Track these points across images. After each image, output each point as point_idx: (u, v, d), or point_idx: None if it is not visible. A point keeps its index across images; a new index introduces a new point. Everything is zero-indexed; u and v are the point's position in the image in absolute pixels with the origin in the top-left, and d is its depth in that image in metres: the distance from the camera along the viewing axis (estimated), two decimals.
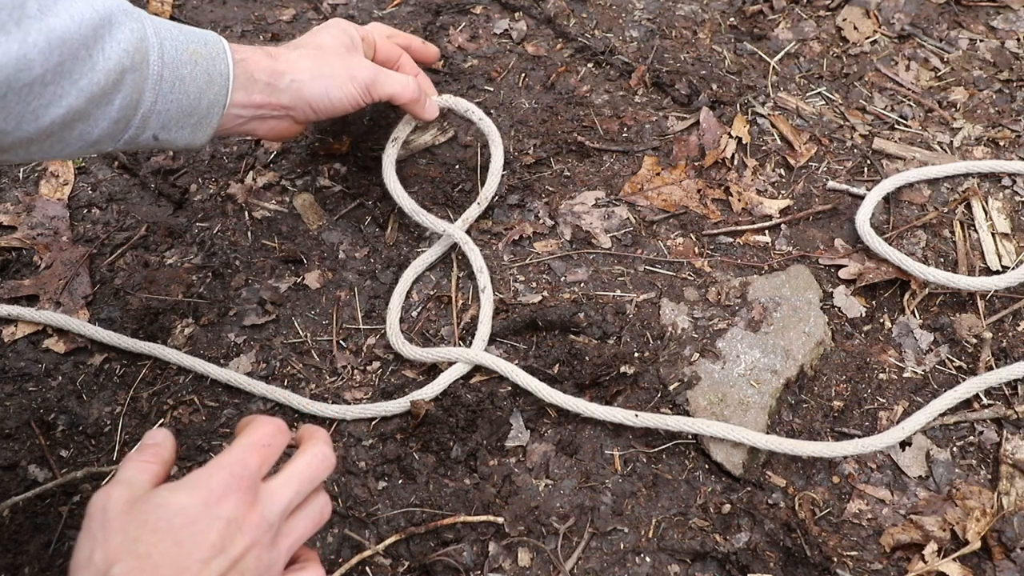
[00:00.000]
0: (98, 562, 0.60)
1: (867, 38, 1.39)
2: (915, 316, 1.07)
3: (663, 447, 0.96)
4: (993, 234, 1.15)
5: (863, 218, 1.12)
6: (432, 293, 1.08)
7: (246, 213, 1.16)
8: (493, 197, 1.13)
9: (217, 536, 0.62)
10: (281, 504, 0.66)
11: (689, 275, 1.10)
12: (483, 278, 1.04)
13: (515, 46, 1.36)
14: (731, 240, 1.14)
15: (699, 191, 1.18)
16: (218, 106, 0.88)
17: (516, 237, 1.13)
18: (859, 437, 0.97)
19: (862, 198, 1.16)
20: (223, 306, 1.07)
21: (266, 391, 0.98)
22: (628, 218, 1.15)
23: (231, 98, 0.89)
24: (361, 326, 1.05)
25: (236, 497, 0.64)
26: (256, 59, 0.92)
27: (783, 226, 1.15)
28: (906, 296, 1.08)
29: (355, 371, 1.02)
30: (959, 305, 1.08)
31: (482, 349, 1.00)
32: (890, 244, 1.11)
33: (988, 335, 1.05)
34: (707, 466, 0.95)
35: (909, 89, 1.32)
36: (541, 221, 1.15)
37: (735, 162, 1.22)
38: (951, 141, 1.26)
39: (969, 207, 1.18)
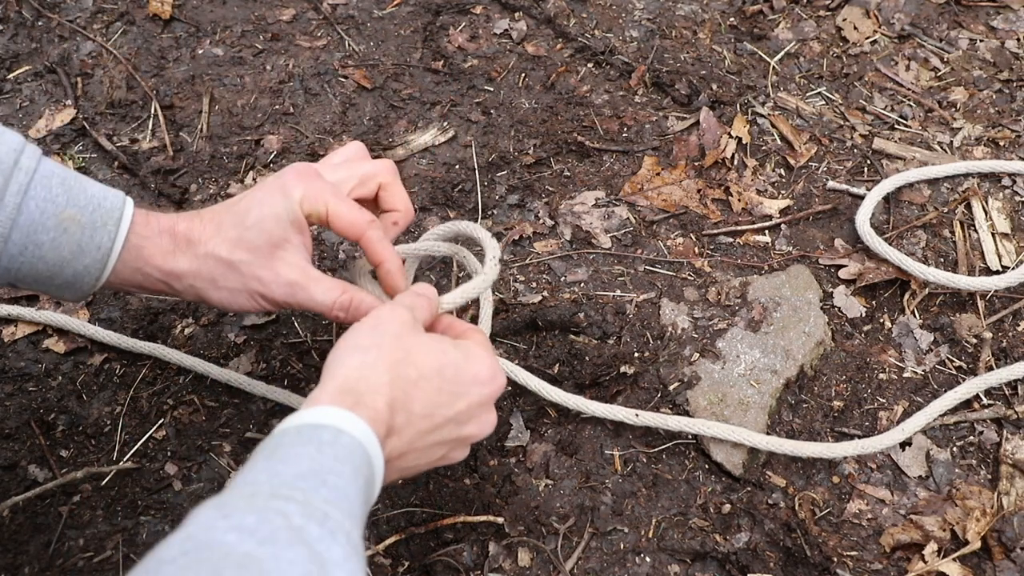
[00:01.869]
0: (370, 358, 0.67)
1: (867, 38, 1.39)
2: (915, 316, 1.07)
3: (663, 447, 0.96)
4: (993, 234, 1.15)
5: (863, 218, 1.12)
6: None
7: None
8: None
9: (465, 407, 0.71)
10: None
11: (689, 275, 1.09)
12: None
13: (515, 46, 1.36)
14: (731, 240, 1.14)
15: (699, 191, 1.18)
16: (89, 278, 0.75)
17: (516, 237, 1.13)
18: (859, 437, 0.97)
19: (862, 198, 1.16)
20: None
21: (266, 391, 0.98)
22: (628, 218, 1.15)
23: (111, 275, 0.76)
24: None
25: (490, 389, 0.73)
26: (153, 251, 0.76)
27: (783, 226, 1.15)
28: (906, 296, 1.08)
29: None
30: (959, 305, 1.08)
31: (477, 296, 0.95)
32: (890, 244, 1.11)
33: (988, 335, 1.05)
34: (707, 466, 0.95)
35: (909, 89, 1.32)
36: (541, 221, 1.15)
37: (735, 162, 1.22)
38: (951, 141, 1.26)
39: (969, 207, 1.18)
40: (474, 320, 1.04)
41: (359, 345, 0.69)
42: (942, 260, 1.12)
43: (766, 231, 1.15)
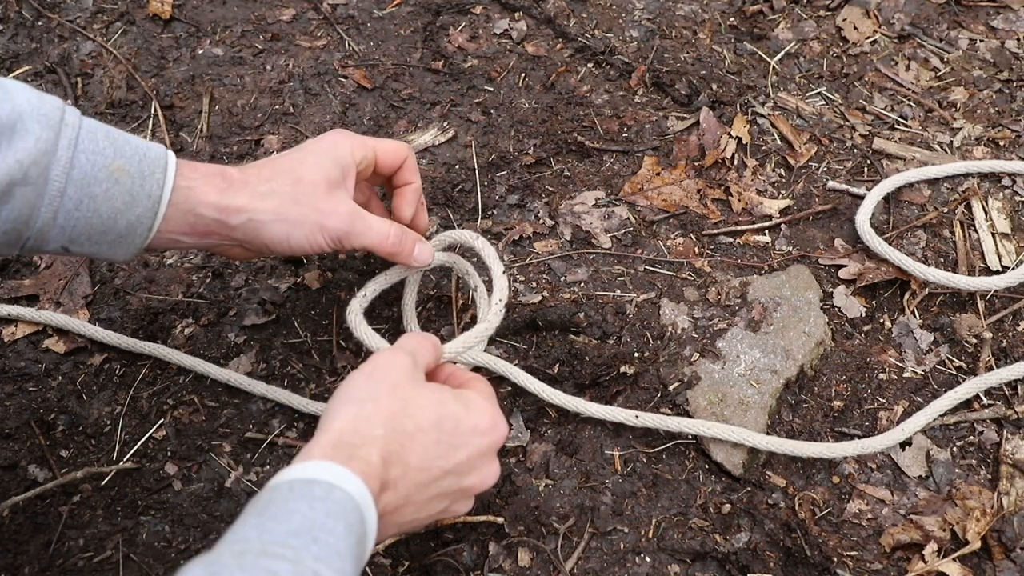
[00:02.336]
0: (366, 411, 0.68)
1: (867, 38, 1.39)
2: (915, 316, 1.07)
3: (663, 447, 0.96)
4: (993, 234, 1.15)
5: (863, 218, 1.12)
6: (432, 293, 1.08)
7: None
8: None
9: (464, 458, 0.71)
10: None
11: (689, 275, 1.10)
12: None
13: (515, 46, 1.36)
14: (731, 240, 1.14)
15: (699, 191, 1.18)
16: (142, 228, 0.77)
17: (516, 237, 1.13)
18: (859, 437, 0.97)
19: (862, 198, 1.16)
20: (223, 306, 1.07)
21: (266, 391, 0.98)
22: (628, 218, 1.15)
23: (162, 224, 0.78)
24: None
25: (490, 439, 0.72)
26: (206, 189, 0.79)
27: (783, 226, 1.15)
28: (906, 296, 1.08)
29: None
30: (959, 305, 1.08)
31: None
32: (890, 244, 1.11)
33: (988, 335, 1.05)
34: (707, 466, 0.95)
35: (909, 89, 1.32)
36: (541, 221, 1.15)
37: (735, 162, 1.22)
38: (951, 141, 1.26)
39: (969, 207, 1.18)
40: (474, 320, 1.04)
41: (354, 396, 0.70)
42: (942, 260, 1.12)
43: (766, 231, 1.15)
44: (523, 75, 1.32)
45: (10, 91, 0.70)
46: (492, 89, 1.30)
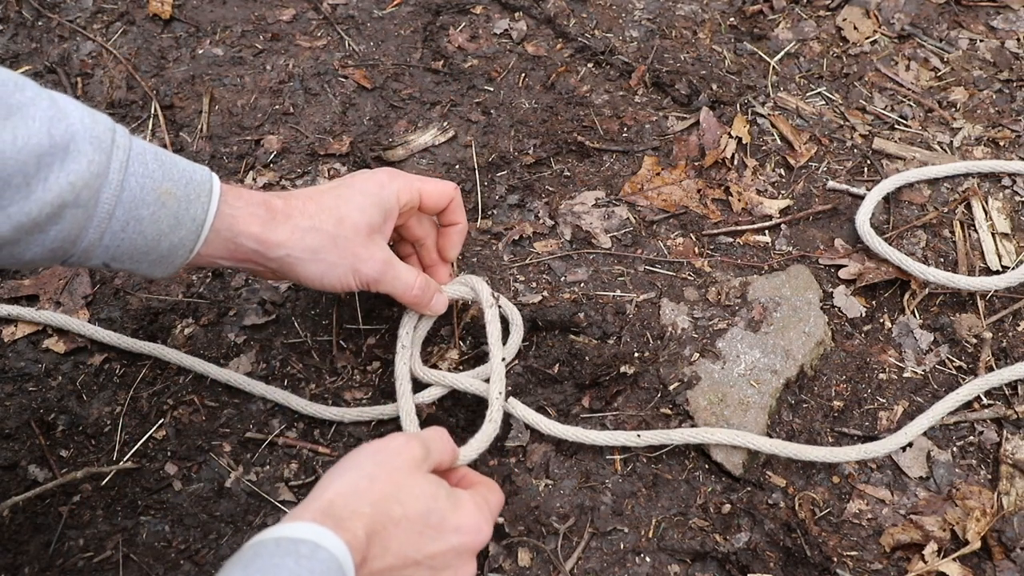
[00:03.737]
0: (361, 487, 0.69)
1: (867, 38, 1.39)
2: (915, 316, 1.07)
3: (663, 447, 0.96)
4: (993, 234, 1.15)
5: (863, 218, 1.12)
6: None
7: None
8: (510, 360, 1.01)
9: (440, 552, 0.71)
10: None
11: (689, 275, 1.10)
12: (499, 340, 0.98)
13: (515, 46, 1.37)
14: (731, 240, 1.14)
15: (699, 191, 1.18)
16: (183, 250, 0.78)
17: (516, 237, 1.13)
18: (859, 437, 0.97)
19: (862, 198, 1.16)
20: (223, 306, 1.07)
21: (265, 391, 0.98)
22: (628, 218, 1.15)
23: (202, 248, 0.79)
24: (361, 326, 1.05)
25: (470, 540, 0.73)
26: (249, 219, 0.80)
27: (783, 226, 1.15)
28: (906, 296, 1.08)
29: (355, 371, 1.02)
30: (959, 305, 1.08)
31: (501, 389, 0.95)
32: (890, 244, 1.11)
33: (988, 335, 1.05)
34: (707, 466, 0.95)
35: (909, 89, 1.32)
36: (541, 221, 1.15)
37: (735, 162, 1.22)
38: (951, 141, 1.26)
39: (969, 207, 1.18)
40: (474, 320, 1.04)
41: (355, 470, 0.72)
42: (942, 260, 1.12)
43: (766, 231, 1.15)
44: (523, 75, 1.32)
45: (64, 110, 0.70)
46: (492, 89, 1.30)
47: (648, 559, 0.88)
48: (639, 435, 0.93)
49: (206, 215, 0.77)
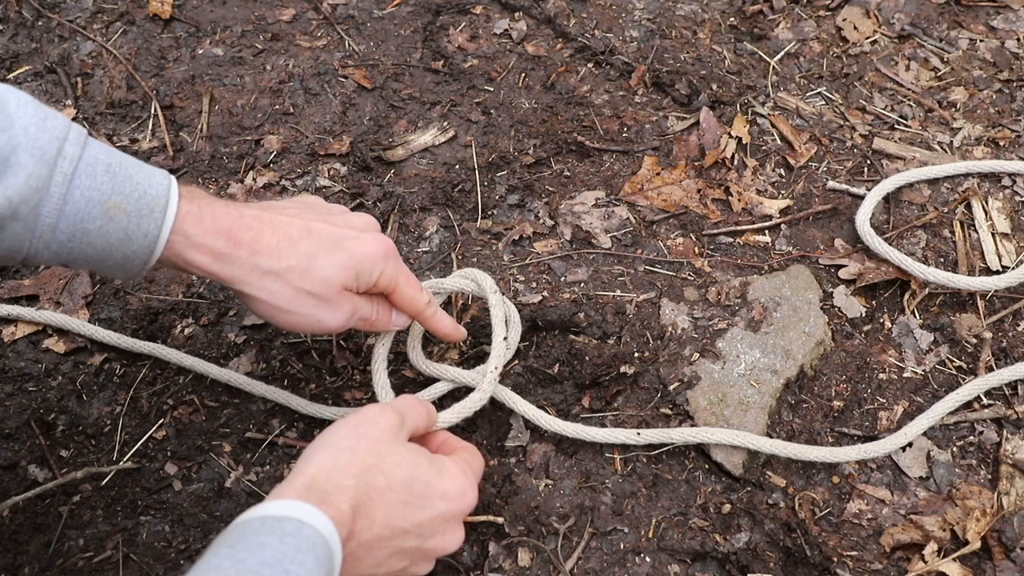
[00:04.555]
0: (342, 460, 0.70)
1: (867, 38, 1.39)
2: (915, 316, 1.07)
3: (663, 447, 0.96)
4: (993, 234, 1.15)
5: (863, 218, 1.12)
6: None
7: None
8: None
9: (427, 520, 0.72)
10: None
11: (689, 275, 1.09)
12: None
13: (515, 46, 1.37)
14: (731, 240, 1.14)
15: (699, 191, 1.18)
16: (138, 261, 0.73)
17: (516, 237, 1.13)
18: (859, 437, 0.97)
19: (862, 198, 1.16)
20: (223, 306, 1.07)
21: (266, 391, 0.98)
22: (628, 218, 1.15)
23: (159, 260, 0.75)
24: None
25: (457, 506, 0.74)
26: (200, 250, 0.75)
27: (783, 226, 1.15)
28: (906, 296, 1.08)
29: (355, 371, 1.02)
30: (959, 305, 1.08)
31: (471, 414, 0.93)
32: (890, 244, 1.11)
33: (988, 335, 1.05)
34: (707, 466, 0.95)
35: (909, 89, 1.32)
36: (541, 221, 1.15)
37: (735, 162, 1.22)
38: (951, 141, 1.26)
39: (969, 207, 1.18)
40: (475, 320, 1.04)
41: (333, 444, 0.72)
42: (942, 260, 1.12)
43: (766, 231, 1.15)
44: (523, 75, 1.32)
45: (11, 117, 0.67)
46: (492, 89, 1.30)
47: (648, 559, 0.88)
48: (639, 433, 0.92)
49: (159, 232, 0.73)
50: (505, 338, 0.94)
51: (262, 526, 0.61)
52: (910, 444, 0.97)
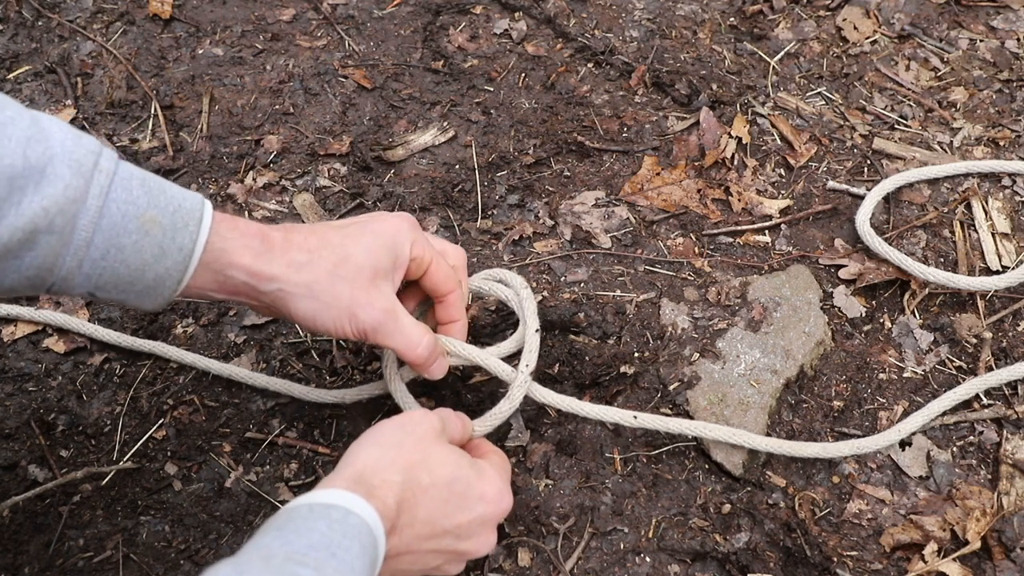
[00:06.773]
0: (389, 456, 0.71)
1: (867, 38, 1.39)
2: (915, 316, 1.07)
3: (663, 448, 0.96)
4: (993, 234, 1.15)
5: (863, 218, 1.12)
6: None
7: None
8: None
9: (466, 522, 0.73)
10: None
11: (689, 275, 1.10)
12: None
13: (515, 46, 1.37)
14: (731, 240, 1.14)
15: (699, 191, 1.18)
16: (171, 281, 0.73)
17: (516, 237, 1.13)
18: (859, 437, 0.97)
19: (862, 198, 1.16)
20: (223, 306, 1.07)
21: (268, 383, 0.98)
22: (628, 218, 1.15)
23: (192, 279, 0.74)
24: None
25: (494, 509, 0.75)
26: (241, 251, 0.75)
27: (783, 226, 1.15)
28: (906, 296, 1.08)
29: (355, 371, 1.02)
30: (959, 305, 1.08)
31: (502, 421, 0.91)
32: (890, 244, 1.11)
33: (988, 335, 1.05)
34: (707, 466, 0.95)
35: (909, 89, 1.32)
36: (541, 221, 1.15)
37: (735, 162, 1.22)
38: (951, 141, 1.26)
39: (969, 207, 1.18)
40: (475, 320, 1.04)
41: (381, 441, 0.73)
42: (942, 260, 1.12)
43: (766, 231, 1.15)
44: (523, 75, 1.32)
45: (46, 131, 0.67)
46: (492, 89, 1.30)
47: (648, 559, 0.88)
48: (636, 416, 0.92)
49: (194, 245, 0.72)
50: (537, 330, 0.90)
51: (310, 512, 0.63)
52: (909, 443, 0.97)
